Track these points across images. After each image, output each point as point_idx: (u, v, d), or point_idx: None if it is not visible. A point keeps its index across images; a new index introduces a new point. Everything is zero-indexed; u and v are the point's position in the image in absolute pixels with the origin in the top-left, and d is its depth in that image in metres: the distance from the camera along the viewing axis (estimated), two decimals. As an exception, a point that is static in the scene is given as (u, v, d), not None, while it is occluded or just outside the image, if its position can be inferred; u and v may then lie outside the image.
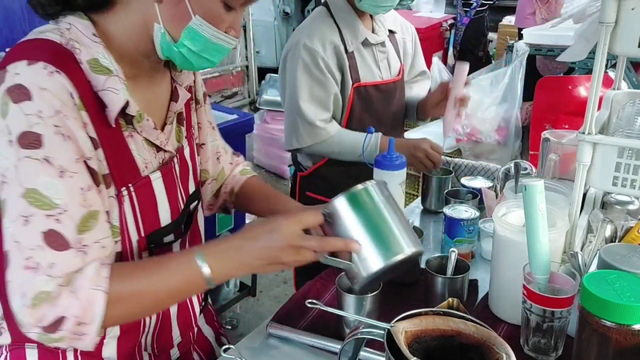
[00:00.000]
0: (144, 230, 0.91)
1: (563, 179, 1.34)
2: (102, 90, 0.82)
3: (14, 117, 0.75)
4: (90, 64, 0.81)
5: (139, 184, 0.89)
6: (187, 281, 0.84)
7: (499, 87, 2.84)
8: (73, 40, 0.81)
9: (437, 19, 5.27)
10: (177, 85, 0.99)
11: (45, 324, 0.75)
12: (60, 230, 0.76)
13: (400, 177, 1.39)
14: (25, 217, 0.75)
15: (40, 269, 0.75)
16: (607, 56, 1.03)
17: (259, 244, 0.85)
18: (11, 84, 0.75)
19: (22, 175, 0.75)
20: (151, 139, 0.92)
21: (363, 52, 1.62)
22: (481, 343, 0.76)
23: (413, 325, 0.77)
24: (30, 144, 0.75)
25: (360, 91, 1.61)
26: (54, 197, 0.75)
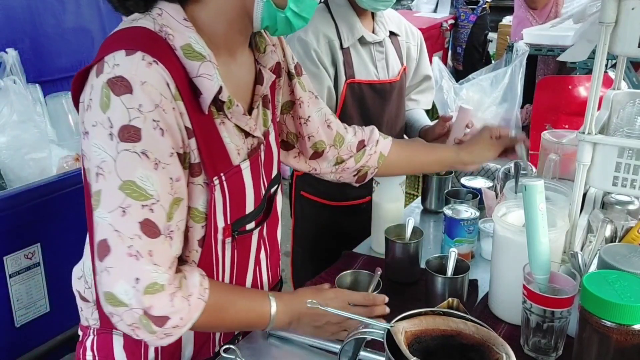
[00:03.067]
0: (230, 218, 0.93)
1: (563, 179, 1.34)
2: (196, 77, 0.83)
3: (116, 110, 0.76)
4: (184, 50, 0.82)
5: (230, 173, 0.90)
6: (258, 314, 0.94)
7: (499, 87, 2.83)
8: (165, 26, 0.82)
9: (437, 19, 5.26)
10: (262, 68, 0.99)
11: (151, 313, 0.79)
12: (154, 219, 0.79)
13: (400, 177, 1.39)
14: (123, 208, 0.77)
15: (141, 257, 0.78)
16: (607, 56, 1.03)
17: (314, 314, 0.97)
18: (112, 76, 0.76)
19: (120, 168, 0.77)
20: (241, 124, 0.92)
21: (359, 49, 1.62)
22: (481, 343, 0.75)
23: (413, 325, 0.77)
24: (130, 137, 0.76)
25: (354, 88, 1.61)
26: (149, 189, 0.78)
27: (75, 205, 1.71)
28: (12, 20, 2.34)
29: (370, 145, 1.27)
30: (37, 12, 2.41)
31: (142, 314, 0.79)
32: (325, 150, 1.21)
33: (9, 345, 1.98)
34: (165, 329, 0.80)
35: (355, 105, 1.63)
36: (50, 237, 1.73)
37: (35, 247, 1.99)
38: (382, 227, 1.30)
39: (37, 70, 2.23)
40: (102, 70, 0.77)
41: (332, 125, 1.21)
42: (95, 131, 0.77)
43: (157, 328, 0.80)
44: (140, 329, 0.80)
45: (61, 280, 1.79)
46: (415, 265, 1.26)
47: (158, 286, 0.79)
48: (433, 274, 1.11)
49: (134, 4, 0.84)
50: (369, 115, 1.66)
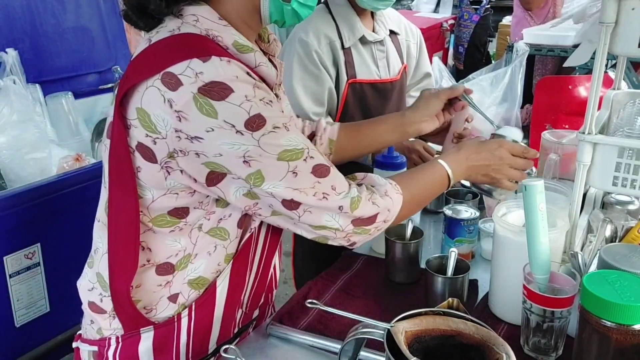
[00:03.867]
0: None
1: (563, 179, 1.34)
2: (257, 66, 0.88)
3: (229, 113, 0.80)
4: (236, 46, 0.86)
5: None
6: (440, 182, 1.07)
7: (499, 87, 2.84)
8: (209, 29, 0.85)
9: (437, 19, 5.26)
10: (271, 57, 1.02)
11: (362, 218, 0.93)
12: (318, 161, 0.89)
13: (401, 177, 1.38)
14: (292, 171, 0.86)
15: (329, 194, 0.89)
16: (607, 56, 1.03)
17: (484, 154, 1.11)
18: (201, 84, 0.79)
19: (268, 148, 0.83)
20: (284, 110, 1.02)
21: (360, 49, 1.62)
22: (481, 343, 0.76)
23: (413, 325, 0.77)
24: (258, 125, 0.82)
25: (355, 87, 1.61)
26: (298, 145, 0.86)
27: (75, 205, 1.71)
28: (12, 20, 2.34)
29: (319, 134, 1.29)
30: (37, 12, 2.41)
31: (353, 227, 0.92)
32: None
33: (9, 345, 1.98)
34: (377, 224, 0.95)
35: (357, 105, 1.64)
36: (50, 237, 1.73)
37: (35, 247, 1.99)
38: (382, 227, 1.30)
39: (37, 70, 2.23)
40: (181, 82, 0.79)
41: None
42: (217, 134, 0.80)
43: (369, 227, 0.94)
44: (354, 235, 0.94)
45: (61, 280, 1.79)
46: (415, 265, 1.26)
47: (356, 198, 0.91)
48: (433, 274, 1.11)
49: (155, 8, 0.86)
50: (370, 114, 1.66)
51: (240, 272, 1.02)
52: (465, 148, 1.12)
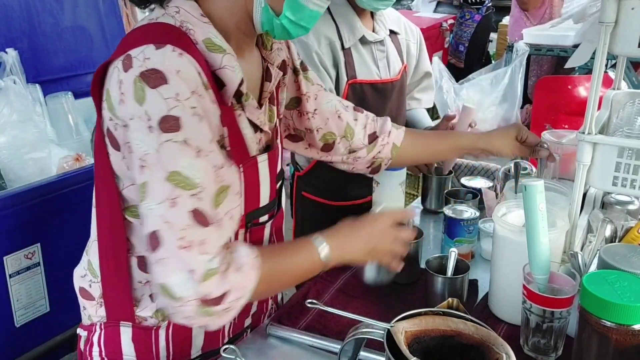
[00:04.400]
0: (244, 209, 0.94)
1: (563, 179, 1.34)
2: (219, 68, 0.84)
3: (153, 102, 0.77)
4: (206, 44, 0.84)
5: (247, 165, 0.92)
6: (310, 263, 0.93)
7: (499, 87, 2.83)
8: (185, 21, 0.84)
9: (437, 19, 5.26)
10: (269, 65, 1.00)
11: (210, 297, 0.79)
12: (203, 207, 0.80)
13: (400, 177, 1.39)
14: (172, 199, 0.78)
15: (193, 247, 0.78)
16: (607, 56, 1.03)
17: (364, 230, 0.98)
18: (144, 69, 0.77)
19: (164, 159, 0.78)
20: (253, 118, 0.94)
21: (360, 49, 1.62)
22: (481, 343, 0.76)
23: (413, 325, 0.77)
24: (170, 127, 0.77)
25: (356, 88, 1.61)
26: (195, 177, 0.79)
27: (75, 205, 1.71)
28: (10, 20, 2.33)
29: (382, 136, 1.26)
30: (35, 11, 2.41)
31: (199, 304, 0.79)
32: (336, 142, 1.22)
33: (9, 345, 1.98)
34: (224, 305, 0.81)
35: (357, 105, 1.64)
36: (50, 237, 1.73)
37: (35, 247, 1.99)
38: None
39: (36, 70, 2.23)
40: (132, 65, 0.78)
41: (342, 117, 1.21)
42: (134, 124, 0.78)
43: (216, 308, 0.80)
44: (196, 318, 0.81)
45: (61, 280, 1.79)
46: (415, 265, 1.26)
47: (212, 271, 0.79)
48: (433, 274, 1.11)
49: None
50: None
51: None
52: (344, 226, 0.99)
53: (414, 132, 1.33)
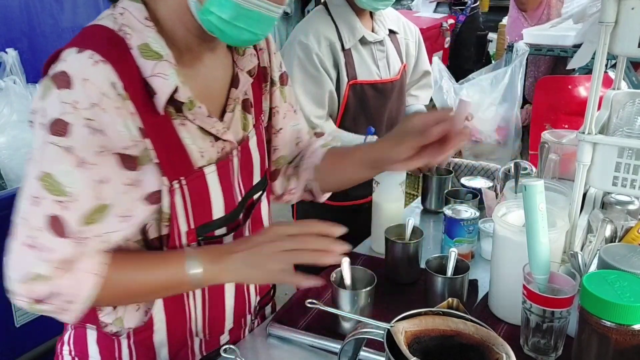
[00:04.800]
0: (193, 223, 0.90)
1: (563, 179, 1.34)
2: (151, 76, 0.81)
3: (52, 102, 0.77)
4: (141, 49, 0.81)
5: (191, 177, 0.88)
6: (174, 280, 0.87)
7: (499, 87, 2.83)
8: (125, 25, 0.82)
9: (437, 19, 5.26)
10: (239, 71, 0.96)
11: (35, 297, 0.80)
12: (65, 217, 0.78)
13: (400, 177, 1.39)
14: (36, 198, 0.78)
15: (38, 250, 0.78)
16: (607, 56, 1.03)
17: (245, 246, 0.88)
18: (57, 70, 0.77)
19: (44, 159, 0.77)
20: (206, 127, 0.89)
21: (360, 49, 1.62)
22: (481, 343, 0.75)
23: (413, 325, 0.77)
24: (58, 131, 0.76)
25: (356, 89, 1.61)
26: (67, 186, 0.77)
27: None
28: (10, 20, 2.33)
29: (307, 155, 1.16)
30: (34, 12, 2.41)
31: (29, 301, 0.80)
32: (283, 169, 1.17)
33: (9, 345, 1.97)
34: (51, 306, 0.81)
35: (358, 105, 1.64)
36: (50, 237, 1.73)
37: (35, 247, 1.98)
38: (382, 227, 1.30)
39: (36, 70, 2.22)
40: (56, 65, 0.79)
41: (300, 145, 1.17)
42: (34, 118, 0.79)
43: (43, 307, 0.81)
44: (34, 311, 0.82)
45: (61, 280, 1.78)
46: (415, 265, 1.26)
47: (40, 277, 0.79)
48: (433, 274, 1.11)
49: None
50: (371, 114, 1.66)
51: (176, 302, 0.95)
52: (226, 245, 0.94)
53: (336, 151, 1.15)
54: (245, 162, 0.99)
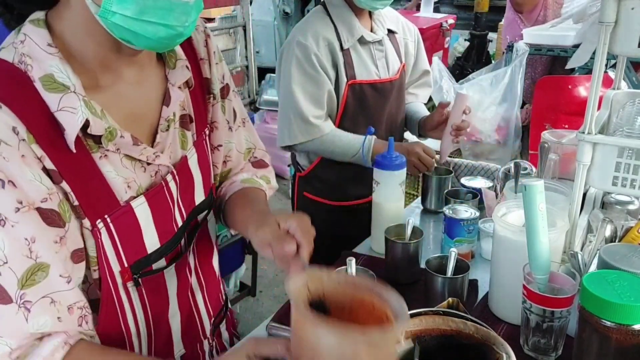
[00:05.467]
0: (126, 261, 0.83)
1: (563, 179, 1.34)
2: (57, 111, 0.73)
3: None
4: (43, 82, 0.72)
5: (117, 214, 0.80)
6: None
7: (499, 87, 2.83)
8: (25, 55, 0.73)
9: (437, 19, 5.27)
10: (170, 86, 0.87)
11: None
12: (1, 283, 0.69)
13: (400, 177, 1.39)
14: None
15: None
16: (607, 56, 1.03)
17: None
18: None
19: None
20: (134, 155, 0.82)
21: (359, 49, 1.62)
22: (481, 343, 0.76)
23: (413, 325, 0.77)
24: None
25: (355, 89, 1.61)
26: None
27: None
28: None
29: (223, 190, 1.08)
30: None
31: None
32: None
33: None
34: None
35: (357, 105, 1.64)
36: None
37: (35, 247, 1.97)
38: (382, 227, 1.30)
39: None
40: None
41: (227, 164, 1.08)
42: None
43: None
44: None
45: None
46: (415, 265, 1.26)
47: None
48: (433, 274, 1.11)
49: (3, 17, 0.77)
50: (370, 114, 1.66)
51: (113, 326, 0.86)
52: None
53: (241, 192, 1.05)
54: (184, 183, 0.91)
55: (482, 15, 5.14)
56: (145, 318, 0.89)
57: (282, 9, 6.18)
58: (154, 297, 0.90)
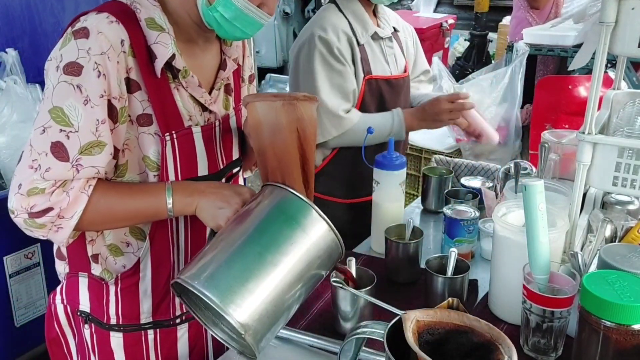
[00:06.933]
0: (181, 175, 1.02)
1: (563, 179, 1.34)
2: (154, 43, 0.96)
3: (69, 49, 0.91)
4: (147, 22, 0.97)
5: (181, 133, 1.01)
6: (152, 208, 0.98)
7: (499, 87, 2.84)
8: (136, 2, 0.98)
9: (437, 19, 5.27)
10: (226, 57, 1.12)
11: (33, 211, 0.91)
12: (66, 144, 0.90)
13: (400, 177, 1.39)
14: (44, 127, 0.90)
15: (40, 170, 0.90)
16: (607, 56, 1.03)
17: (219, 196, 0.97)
18: (78, 27, 0.92)
19: (56, 95, 0.90)
20: (196, 95, 1.04)
21: (373, 45, 1.62)
22: (490, 342, 0.75)
23: (427, 315, 0.77)
24: (72, 71, 0.90)
25: (372, 84, 1.62)
26: (72, 118, 0.90)
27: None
28: (11, 20, 2.33)
29: None
30: (36, 10, 2.41)
31: (26, 217, 0.91)
32: None
33: (9, 344, 1.97)
34: (50, 218, 0.91)
35: (374, 101, 1.64)
36: (50, 236, 1.73)
37: (35, 247, 1.98)
38: (382, 227, 1.30)
39: (36, 70, 2.23)
40: (75, 25, 0.94)
41: None
42: (48, 65, 0.92)
43: (42, 220, 0.91)
44: (29, 229, 0.94)
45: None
46: (415, 265, 1.26)
47: (38, 190, 0.90)
48: (433, 274, 1.11)
49: None
50: (385, 109, 1.66)
51: (163, 252, 1.06)
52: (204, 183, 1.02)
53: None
54: (226, 136, 1.12)
55: (482, 15, 5.13)
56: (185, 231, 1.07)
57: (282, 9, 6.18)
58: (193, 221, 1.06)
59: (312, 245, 0.87)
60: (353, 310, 1.07)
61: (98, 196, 0.95)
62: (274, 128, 0.93)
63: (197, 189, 0.99)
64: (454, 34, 5.42)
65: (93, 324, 1.08)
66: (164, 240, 1.05)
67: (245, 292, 0.80)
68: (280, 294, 0.83)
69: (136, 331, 1.09)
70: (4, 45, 2.24)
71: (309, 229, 0.87)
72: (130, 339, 1.08)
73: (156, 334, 1.10)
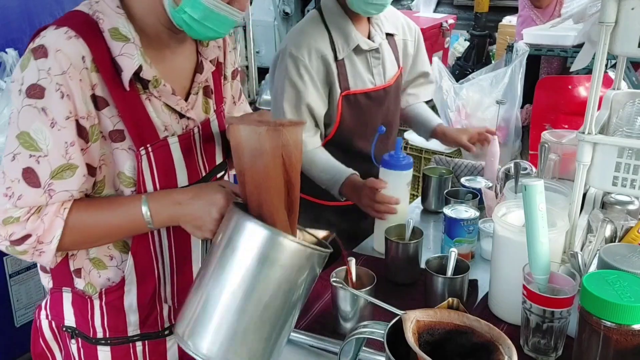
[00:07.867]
0: (159, 187, 0.99)
1: (563, 179, 1.34)
2: (118, 55, 0.92)
3: (29, 71, 0.87)
4: (111, 32, 0.92)
5: (156, 145, 0.97)
6: (131, 221, 0.96)
7: (499, 87, 2.84)
8: (98, 11, 0.93)
9: (437, 19, 5.26)
10: (203, 59, 1.07)
11: (12, 239, 0.90)
12: (37, 170, 0.88)
13: (407, 177, 1.38)
14: (14, 154, 0.88)
15: (14, 198, 0.89)
16: (607, 56, 1.03)
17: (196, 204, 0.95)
18: (36, 45, 0.89)
19: (21, 119, 0.88)
20: (171, 104, 1.00)
21: (354, 59, 1.59)
22: (490, 342, 0.75)
23: (427, 315, 0.77)
24: (35, 94, 0.87)
25: (350, 99, 1.59)
26: (40, 142, 0.88)
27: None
28: (10, 20, 2.33)
29: None
30: (34, 11, 2.41)
31: (7, 244, 0.91)
32: None
33: (9, 345, 1.98)
34: (29, 245, 0.91)
35: (352, 115, 1.61)
36: (50, 237, 1.73)
37: (35, 247, 1.97)
38: (386, 226, 1.31)
39: (36, 70, 2.23)
40: (34, 41, 0.90)
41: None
42: (13, 87, 0.90)
43: (22, 247, 0.91)
44: (13, 254, 0.93)
45: (61, 280, 1.78)
46: (415, 265, 1.26)
47: (13, 219, 0.89)
48: (433, 274, 1.11)
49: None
50: (366, 123, 1.64)
51: (147, 265, 1.02)
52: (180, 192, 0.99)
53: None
54: (207, 140, 1.08)
55: (482, 15, 5.13)
56: (169, 243, 1.04)
57: (282, 9, 6.18)
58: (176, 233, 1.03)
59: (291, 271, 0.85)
60: (353, 311, 1.07)
61: (75, 217, 0.92)
62: (254, 153, 0.89)
63: (174, 199, 0.96)
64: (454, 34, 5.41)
65: (80, 338, 1.06)
66: (147, 253, 1.02)
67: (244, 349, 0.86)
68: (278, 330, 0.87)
69: (124, 344, 1.06)
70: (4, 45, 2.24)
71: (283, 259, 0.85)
72: (118, 351, 1.06)
73: (144, 345, 1.07)
